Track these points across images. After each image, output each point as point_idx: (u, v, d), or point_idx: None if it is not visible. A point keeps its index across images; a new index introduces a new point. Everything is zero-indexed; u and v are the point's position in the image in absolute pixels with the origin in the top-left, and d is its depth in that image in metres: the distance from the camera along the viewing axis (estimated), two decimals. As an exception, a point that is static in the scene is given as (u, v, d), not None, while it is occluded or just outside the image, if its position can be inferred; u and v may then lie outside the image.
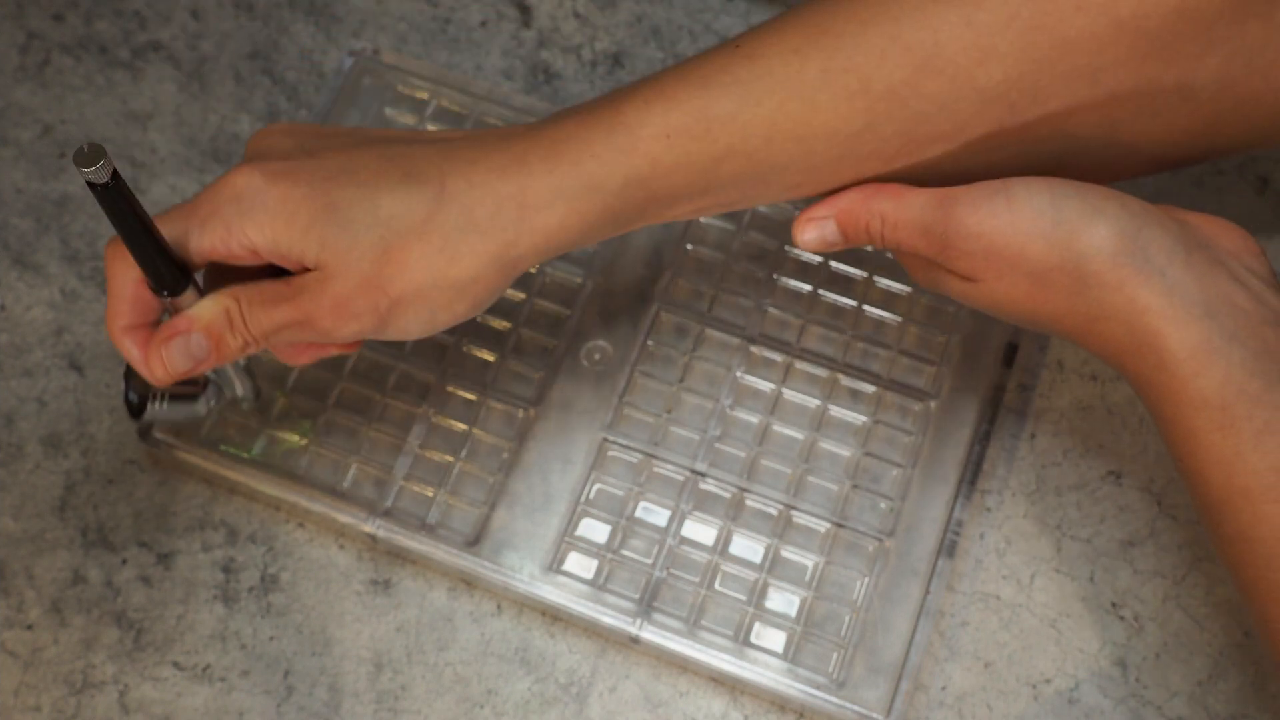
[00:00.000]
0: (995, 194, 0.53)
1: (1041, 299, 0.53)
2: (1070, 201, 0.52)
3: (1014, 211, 0.52)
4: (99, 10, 0.73)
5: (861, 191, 0.55)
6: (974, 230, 0.53)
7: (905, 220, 0.54)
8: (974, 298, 0.55)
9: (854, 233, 0.56)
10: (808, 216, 0.56)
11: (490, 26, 0.73)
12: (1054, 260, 0.52)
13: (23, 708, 0.60)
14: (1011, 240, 0.52)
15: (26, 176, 0.70)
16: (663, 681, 0.61)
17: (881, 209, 0.55)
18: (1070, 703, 0.60)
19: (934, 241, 0.54)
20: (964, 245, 0.53)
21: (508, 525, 0.63)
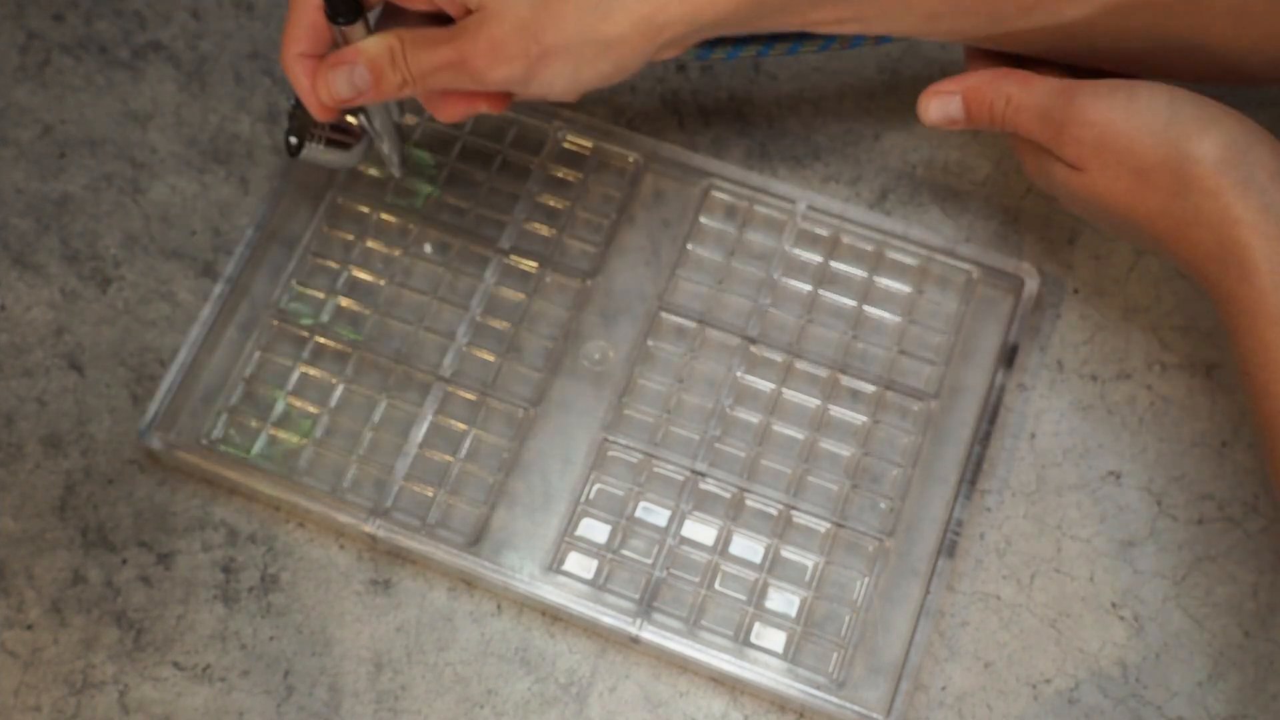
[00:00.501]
0: (1118, 89, 0.55)
1: (1140, 196, 0.55)
2: (1188, 107, 0.54)
3: (1132, 107, 0.54)
4: (99, 10, 0.73)
5: (990, 72, 0.58)
6: (1091, 118, 0.55)
7: (1028, 103, 0.57)
8: (1076, 189, 0.56)
9: (977, 111, 0.58)
10: (934, 90, 0.59)
11: (490, 26, 0.73)
12: (1160, 157, 0.54)
13: (23, 708, 0.60)
14: (1124, 132, 0.54)
15: (26, 176, 0.70)
16: (663, 681, 0.61)
17: (1008, 90, 0.57)
18: (1070, 703, 0.60)
19: (1050, 126, 0.56)
20: (1078, 132, 0.55)
21: (508, 525, 0.63)
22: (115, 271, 0.68)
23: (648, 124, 0.71)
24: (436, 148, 0.69)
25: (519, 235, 0.67)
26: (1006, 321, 0.65)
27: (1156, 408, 0.65)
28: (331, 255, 0.68)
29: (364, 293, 0.67)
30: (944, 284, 0.67)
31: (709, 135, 0.71)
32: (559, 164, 0.69)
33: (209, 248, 0.68)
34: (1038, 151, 0.58)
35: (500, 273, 0.67)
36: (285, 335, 0.66)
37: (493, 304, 0.66)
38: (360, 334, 0.66)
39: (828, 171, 0.70)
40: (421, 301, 0.67)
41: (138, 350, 0.66)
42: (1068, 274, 0.68)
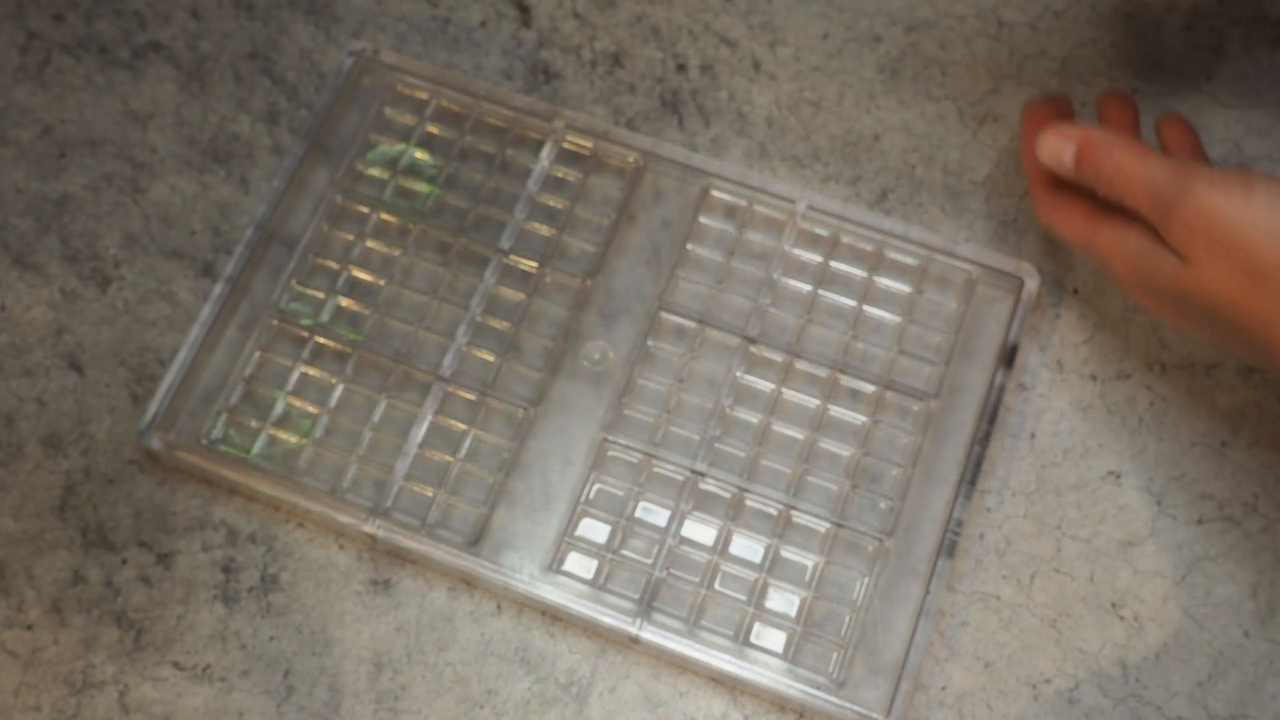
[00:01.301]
0: (1233, 178, 0.52)
1: (1252, 297, 0.52)
2: None
3: (1251, 200, 0.52)
4: (99, 10, 0.73)
5: (1111, 135, 0.56)
6: (1205, 205, 0.52)
7: (1140, 176, 0.55)
8: (1180, 282, 0.54)
9: (1086, 167, 0.57)
10: (1056, 130, 0.58)
11: (490, 26, 0.73)
12: (1278, 257, 0.51)
13: (23, 708, 0.60)
14: (1241, 226, 0.52)
15: (26, 176, 0.70)
16: (663, 681, 0.61)
17: (1121, 157, 0.55)
18: (1070, 703, 0.60)
19: (1160, 205, 0.54)
20: (1190, 219, 0.53)
21: (508, 525, 0.63)
22: (115, 271, 0.68)
23: (648, 124, 0.71)
24: (436, 148, 0.69)
25: (519, 235, 0.67)
26: (1006, 321, 0.65)
27: (1156, 408, 0.65)
28: (331, 255, 0.68)
29: (364, 293, 0.67)
30: (944, 284, 0.67)
31: (709, 135, 0.71)
32: (559, 164, 0.69)
33: (209, 248, 0.68)
34: (1141, 241, 0.55)
35: (500, 273, 0.67)
36: (285, 335, 0.66)
37: (493, 304, 0.66)
38: (360, 334, 0.66)
39: (828, 171, 0.70)
40: (421, 301, 0.67)
41: (138, 350, 0.66)
42: (1068, 274, 0.68)
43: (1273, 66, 0.72)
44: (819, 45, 0.72)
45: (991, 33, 0.72)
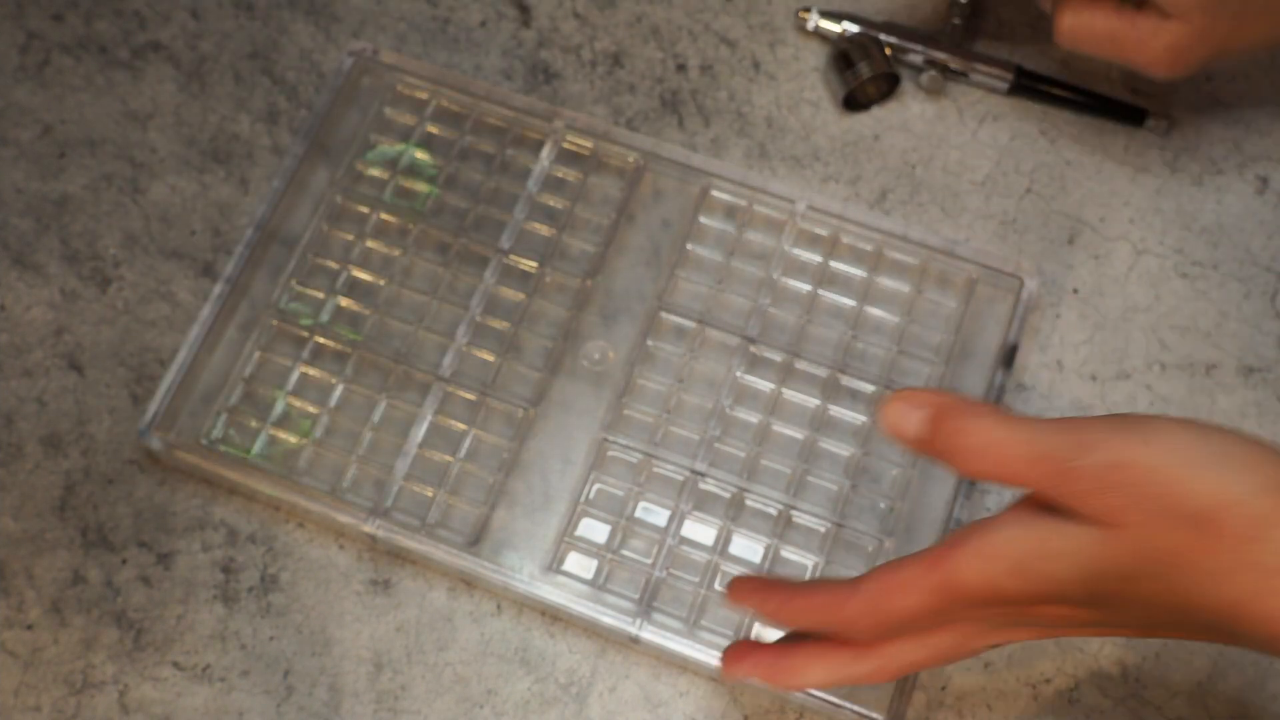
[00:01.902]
0: (1131, 423, 0.45)
1: (1203, 551, 0.44)
2: (1220, 438, 0.44)
3: (1160, 442, 0.44)
4: (99, 10, 0.73)
5: (968, 399, 0.47)
6: (1118, 458, 0.44)
7: (1017, 441, 0.46)
8: (1105, 555, 0.45)
9: (941, 439, 0.47)
10: (904, 396, 0.48)
11: (490, 26, 0.73)
12: (1220, 498, 0.43)
13: (23, 708, 0.60)
14: (1164, 472, 0.44)
15: (26, 176, 0.70)
16: (663, 681, 0.61)
17: (984, 425, 0.46)
18: (1070, 703, 0.60)
19: (1054, 471, 0.45)
20: (1103, 475, 0.44)
21: (508, 525, 0.63)
22: (115, 271, 0.68)
23: (648, 124, 0.71)
24: (436, 148, 0.69)
25: (519, 235, 0.67)
26: (1006, 321, 0.65)
27: (1156, 408, 0.65)
28: (331, 255, 0.68)
29: (364, 293, 0.67)
30: (944, 284, 0.67)
31: (709, 135, 0.71)
32: (559, 164, 0.69)
33: (209, 248, 0.68)
34: (1023, 531, 0.46)
35: (500, 273, 0.67)
36: (285, 335, 0.66)
37: (493, 304, 0.66)
38: (360, 334, 0.66)
39: (827, 171, 0.70)
40: (421, 301, 0.67)
41: (138, 350, 0.66)
42: (1068, 274, 0.68)
43: (1273, 66, 0.72)
44: (819, 45, 0.72)
45: (991, 32, 0.72)
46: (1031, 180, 0.69)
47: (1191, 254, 0.68)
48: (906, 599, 0.47)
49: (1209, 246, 0.68)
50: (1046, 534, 0.46)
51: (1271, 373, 0.66)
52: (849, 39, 0.70)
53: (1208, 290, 0.67)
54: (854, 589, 0.49)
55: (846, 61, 0.69)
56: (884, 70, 0.69)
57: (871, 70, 0.69)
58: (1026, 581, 0.46)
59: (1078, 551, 0.45)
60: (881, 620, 0.48)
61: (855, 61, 0.69)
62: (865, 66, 0.69)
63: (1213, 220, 0.69)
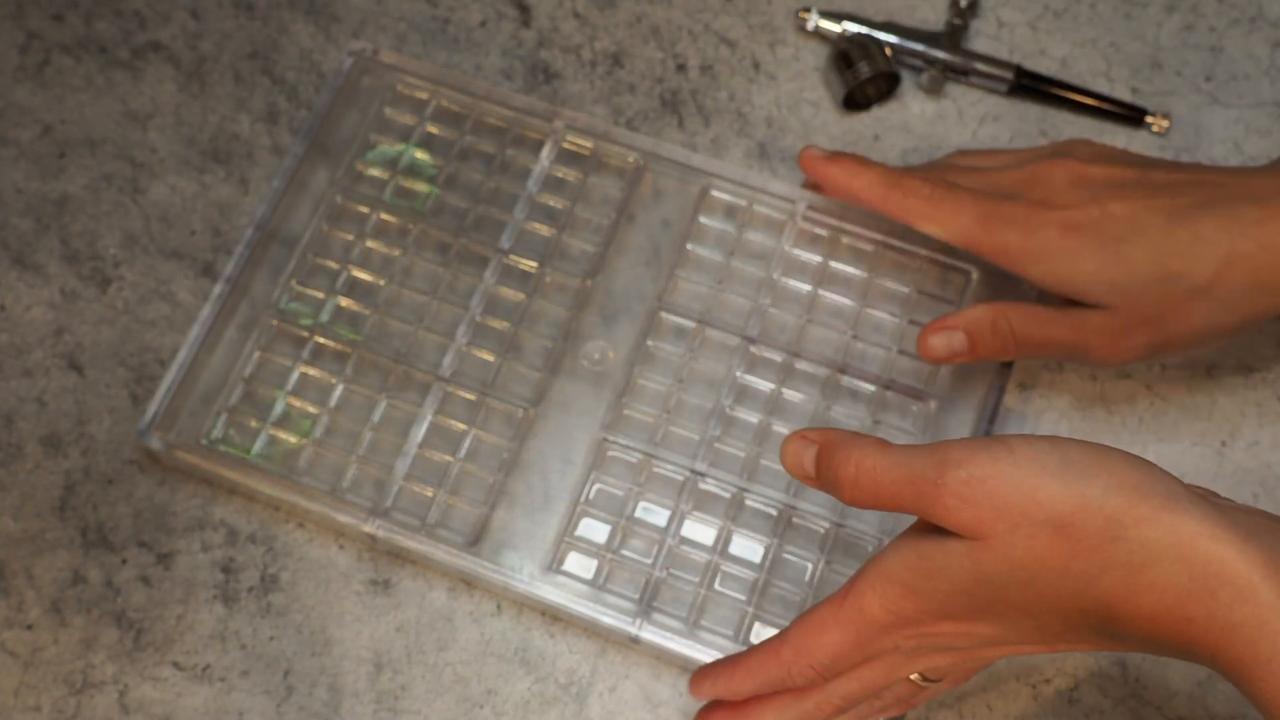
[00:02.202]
0: (992, 442, 0.48)
1: (1067, 555, 0.46)
2: (1072, 447, 0.47)
3: (1017, 457, 0.47)
4: (99, 10, 0.73)
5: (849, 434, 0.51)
6: (976, 473, 0.47)
7: (888, 466, 0.49)
8: (979, 565, 0.47)
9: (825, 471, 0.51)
10: (801, 434, 0.52)
11: (490, 26, 0.73)
12: (1074, 501, 0.46)
13: (23, 708, 0.60)
14: (1020, 484, 0.46)
15: (26, 176, 0.70)
16: (663, 681, 0.61)
17: (862, 455, 0.49)
18: (1070, 703, 0.60)
19: (924, 490, 0.48)
20: (966, 491, 0.47)
21: (507, 525, 0.63)
22: (115, 271, 0.68)
23: (648, 124, 0.71)
24: (436, 148, 0.69)
25: (519, 235, 0.67)
26: (1006, 321, 0.65)
27: (1156, 408, 0.65)
28: (331, 255, 0.68)
29: (364, 293, 0.67)
30: (944, 284, 0.67)
31: (709, 135, 0.71)
32: (559, 164, 0.69)
33: (209, 248, 0.68)
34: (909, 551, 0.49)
35: (500, 273, 0.67)
36: (285, 335, 0.66)
37: (493, 304, 0.66)
38: (360, 334, 0.66)
39: (828, 171, 0.70)
40: (421, 301, 0.67)
41: (138, 350, 0.66)
42: (1068, 274, 0.68)
43: (1273, 66, 0.72)
44: (819, 46, 0.72)
45: (991, 33, 0.72)
46: (1031, 180, 0.69)
47: (1191, 254, 0.68)
48: (826, 636, 0.51)
49: (1209, 246, 0.68)
50: (928, 551, 0.49)
51: (1271, 373, 0.66)
52: (849, 39, 0.70)
53: (1208, 290, 0.67)
54: (783, 639, 0.53)
55: (846, 61, 0.69)
56: (884, 70, 0.69)
57: (871, 70, 0.69)
58: (919, 599, 0.49)
59: (953, 565, 0.48)
60: (811, 662, 0.52)
61: (855, 61, 0.69)
62: (865, 66, 0.69)
63: (1213, 220, 0.69)
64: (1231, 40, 0.72)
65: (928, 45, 0.70)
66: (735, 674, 0.54)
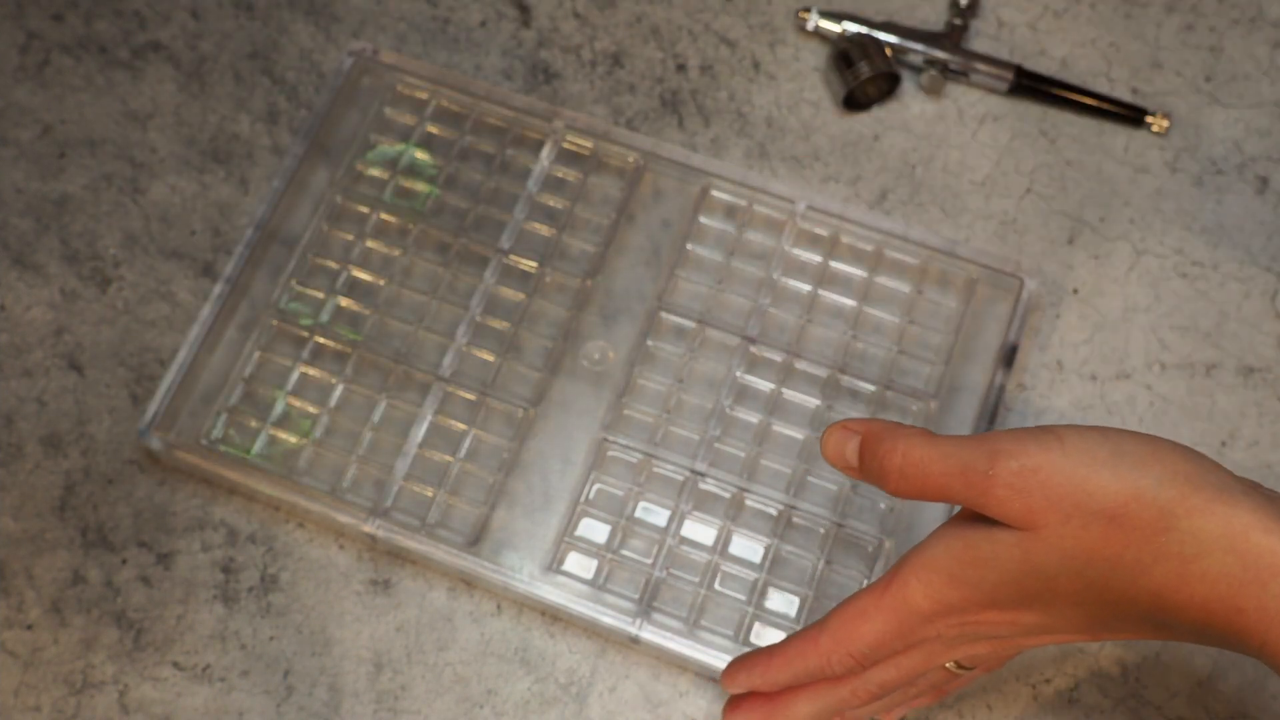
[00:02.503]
0: (1042, 432, 0.47)
1: (1119, 545, 0.46)
2: (1125, 437, 0.47)
3: (1069, 447, 0.46)
4: (99, 10, 0.73)
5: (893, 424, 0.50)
6: (1029, 464, 0.46)
7: (937, 457, 0.48)
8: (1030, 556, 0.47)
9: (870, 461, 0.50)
10: (842, 424, 0.52)
11: (490, 26, 0.73)
12: (1128, 493, 0.45)
13: (23, 708, 0.60)
14: (1072, 475, 0.46)
15: (26, 176, 0.70)
16: (663, 681, 0.61)
17: (909, 445, 0.49)
18: (1070, 703, 0.60)
19: (974, 481, 0.47)
20: (1018, 482, 0.46)
21: (507, 525, 0.63)
22: (115, 271, 0.68)
23: (648, 124, 0.71)
24: (436, 148, 0.69)
25: (519, 235, 0.67)
26: (1006, 321, 0.65)
27: (1156, 408, 0.65)
28: (331, 255, 0.68)
29: (364, 293, 0.67)
30: (944, 284, 0.67)
31: (709, 135, 0.71)
32: (559, 164, 0.69)
33: (209, 248, 0.68)
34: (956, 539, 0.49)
35: (500, 273, 0.67)
36: (285, 335, 0.66)
37: (493, 304, 0.66)
38: (360, 334, 0.66)
39: (827, 171, 0.70)
40: (421, 301, 0.67)
41: (138, 350, 0.66)
42: (1068, 274, 0.68)
43: (1273, 66, 0.72)
44: (819, 45, 0.72)
45: (991, 33, 0.72)
46: (1031, 180, 0.69)
47: (1191, 254, 0.68)
48: (866, 625, 0.51)
49: (1209, 246, 0.68)
50: (975, 541, 0.48)
51: (1271, 373, 0.66)
52: (849, 39, 0.70)
53: (1208, 290, 0.67)
54: (821, 627, 0.52)
55: (846, 61, 0.69)
56: (884, 70, 0.69)
57: (872, 70, 0.69)
58: (965, 589, 0.49)
59: (1002, 555, 0.48)
60: (851, 650, 0.51)
61: (855, 61, 0.69)
62: (865, 66, 0.69)
63: (1213, 220, 0.69)
64: (1231, 40, 0.72)
65: (928, 45, 0.70)
66: (771, 664, 0.54)
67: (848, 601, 0.52)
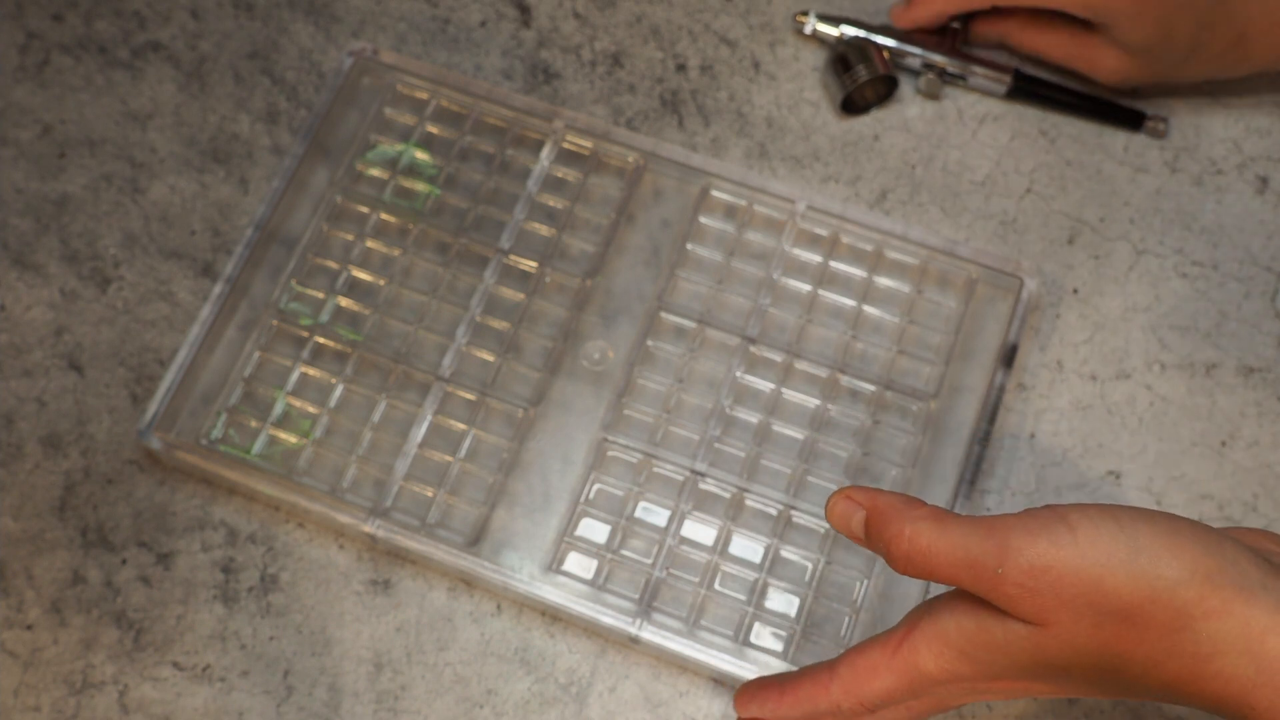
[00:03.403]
0: (1054, 522, 0.46)
1: (1133, 643, 0.46)
2: (1141, 526, 0.46)
3: (1078, 540, 0.46)
4: (99, 10, 0.73)
5: (902, 501, 0.50)
6: (1039, 562, 0.46)
7: (945, 548, 0.48)
8: (1041, 650, 0.47)
9: (875, 540, 0.50)
10: (848, 493, 0.51)
11: (490, 26, 0.73)
12: (1143, 593, 0.45)
13: (23, 708, 0.60)
14: (1086, 574, 0.45)
15: (26, 176, 0.70)
16: (663, 681, 0.61)
17: (916, 530, 0.48)
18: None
19: (982, 575, 0.47)
20: (1026, 580, 0.46)
21: (507, 525, 0.63)
22: (115, 271, 0.68)
23: (648, 124, 0.71)
24: (436, 148, 0.69)
25: (519, 235, 0.67)
26: (1006, 321, 0.65)
27: (1156, 408, 0.65)
28: (331, 255, 0.68)
29: (364, 293, 0.67)
30: (944, 284, 0.67)
31: (709, 135, 0.71)
32: (559, 164, 0.69)
33: (209, 248, 0.68)
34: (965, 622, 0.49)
35: (500, 273, 0.67)
36: (285, 335, 0.66)
37: (492, 304, 0.66)
38: (360, 334, 0.66)
39: (827, 171, 0.70)
40: (421, 301, 0.67)
41: (137, 350, 0.66)
42: (1068, 274, 0.68)
43: (1272, 67, 0.72)
44: (818, 47, 0.72)
45: (991, 33, 0.72)
46: (1031, 180, 0.69)
47: (1191, 254, 0.68)
48: (877, 681, 0.51)
49: (1209, 246, 0.68)
50: (988, 624, 0.48)
51: (1271, 373, 0.66)
52: (846, 42, 0.70)
53: (1208, 290, 0.67)
54: (832, 674, 0.52)
55: (844, 64, 0.69)
56: (882, 73, 0.69)
57: (869, 74, 0.69)
58: (976, 666, 0.49)
59: (1014, 644, 0.48)
60: (861, 701, 0.52)
61: (853, 64, 0.69)
62: (863, 70, 0.69)
63: (1213, 220, 0.69)
64: (1231, 41, 0.72)
65: (926, 49, 0.70)
66: (783, 701, 0.54)
67: (858, 652, 0.52)
